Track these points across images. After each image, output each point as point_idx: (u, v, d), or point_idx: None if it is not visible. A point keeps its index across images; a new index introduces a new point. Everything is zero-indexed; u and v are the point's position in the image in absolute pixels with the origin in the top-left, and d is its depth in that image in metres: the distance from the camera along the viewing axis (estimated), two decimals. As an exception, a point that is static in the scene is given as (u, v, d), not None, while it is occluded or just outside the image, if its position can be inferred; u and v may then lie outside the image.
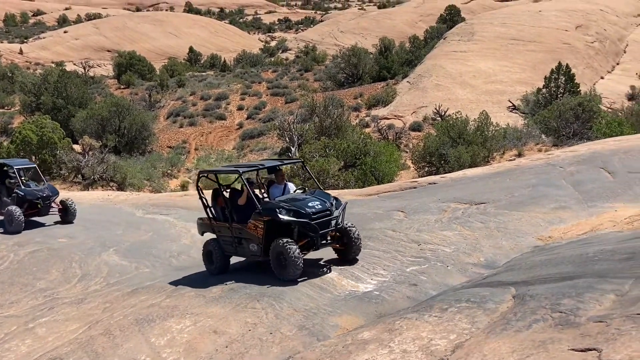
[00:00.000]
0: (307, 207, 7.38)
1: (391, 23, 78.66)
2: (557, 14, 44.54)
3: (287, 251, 7.04)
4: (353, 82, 44.33)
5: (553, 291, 4.30)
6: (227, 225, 8.00)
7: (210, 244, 8.28)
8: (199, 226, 8.79)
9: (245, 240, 7.74)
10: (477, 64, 36.81)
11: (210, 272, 8.21)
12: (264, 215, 7.41)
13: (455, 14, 62.35)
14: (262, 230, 7.41)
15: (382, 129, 29.02)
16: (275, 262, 7.23)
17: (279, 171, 8.57)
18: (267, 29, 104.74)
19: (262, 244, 7.41)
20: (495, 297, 4.76)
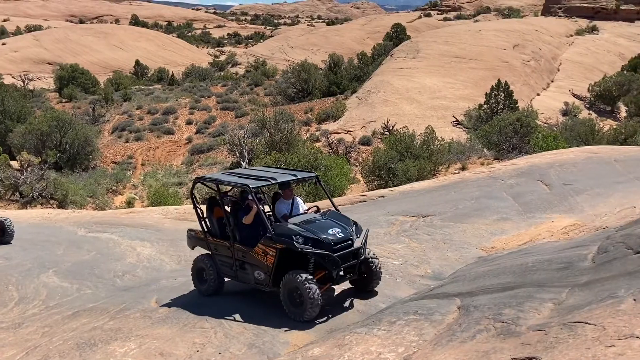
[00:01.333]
0: (327, 234, 6.42)
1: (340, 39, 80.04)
2: (496, 33, 46.69)
3: (305, 289, 6.09)
4: (303, 97, 44.64)
5: (495, 301, 4.45)
6: (226, 244, 7.02)
7: (202, 260, 7.34)
8: (189, 239, 7.77)
9: (250, 266, 6.77)
10: (423, 81, 37.94)
11: (201, 292, 7.37)
12: (277, 243, 6.39)
13: (401, 32, 64.13)
14: (273, 259, 6.44)
15: (332, 143, 29.31)
16: (287, 298, 6.32)
17: (288, 185, 7.39)
18: (216, 43, 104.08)
19: (272, 273, 6.49)
20: (442, 308, 4.87)
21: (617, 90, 38.01)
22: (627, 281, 3.73)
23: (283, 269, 6.44)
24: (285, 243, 6.35)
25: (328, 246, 6.32)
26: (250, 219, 6.96)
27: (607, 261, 4.52)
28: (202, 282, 7.38)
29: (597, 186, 10.65)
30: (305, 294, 6.11)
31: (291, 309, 6.31)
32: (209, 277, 7.25)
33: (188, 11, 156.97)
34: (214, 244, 7.27)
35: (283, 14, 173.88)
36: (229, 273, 7.13)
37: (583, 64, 47.89)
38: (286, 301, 6.36)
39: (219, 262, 7.18)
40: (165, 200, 19.93)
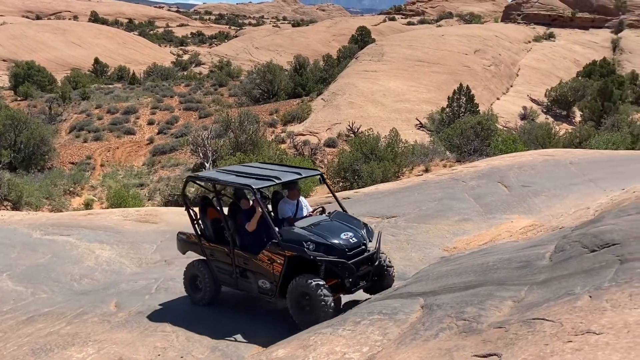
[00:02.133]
0: (340, 239, 5.95)
1: (305, 41, 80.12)
2: (458, 38, 47.70)
3: (317, 295, 5.58)
4: (268, 98, 44.46)
5: (458, 300, 4.52)
6: (225, 250, 6.44)
7: (196, 267, 6.77)
8: (179, 243, 7.14)
9: (253, 274, 6.20)
10: (387, 84, 38.37)
11: (195, 301, 6.80)
12: (286, 249, 5.86)
13: (366, 35, 64.72)
14: (280, 267, 5.90)
15: (297, 144, 29.28)
16: (295, 304, 5.82)
17: (292, 184, 6.75)
18: (179, 42, 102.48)
19: (279, 283, 5.96)
20: (405, 308, 4.92)
21: (572, 96, 39.41)
22: (583, 279, 3.86)
23: (290, 277, 5.95)
24: (295, 250, 5.82)
25: (342, 252, 5.85)
26: (253, 225, 6.33)
27: (563, 260, 4.66)
28: (196, 290, 6.80)
29: (553, 188, 11.00)
30: (317, 301, 5.59)
31: (300, 317, 5.79)
32: (204, 285, 6.65)
33: (150, 9, 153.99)
34: (209, 249, 6.63)
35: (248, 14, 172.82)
36: (228, 281, 6.53)
37: (540, 70, 49.45)
38: (295, 308, 5.84)
39: (216, 269, 6.58)
40: (126, 201, 19.46)
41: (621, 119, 29.10)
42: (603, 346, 2.65)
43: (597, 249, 4.28)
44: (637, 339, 2.60)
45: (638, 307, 2.97)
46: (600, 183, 11.04)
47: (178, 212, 13.27)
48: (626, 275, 3.50)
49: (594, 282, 3.63)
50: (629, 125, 27.63)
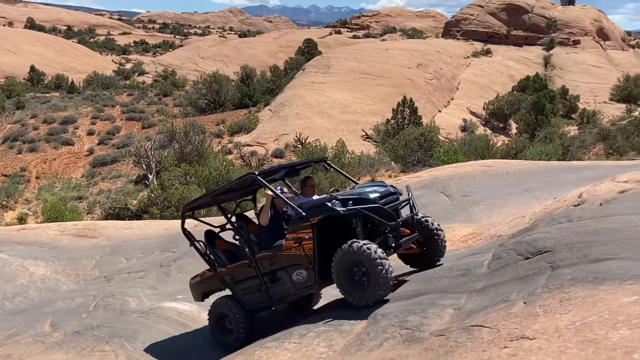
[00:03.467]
0: (367, 192, 5.27)
1: (252, 52, 79.91)
2: (401, 52, 49.02)
3: (368, 258, 4.72)
4: (215, 109, 43.93)
5: (401, 309, 4.61)
6: (245, 262, 5.73)
7: (221, 304, 5.94)
8: (195, 289, 6.35)
9: (284, 271, 5.44)
10: (334, 95, 38.83)
11: (228, 345, 5.78)
12: (311, 218, 5.10)
13: (312, 47, 65.33)
14: (311, 243, 5.12)
15: (245, 155, 29.06)
16: (345, 281, 4.96)
17: (308, 179, 6.12)
18: (121, 51, 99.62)
19: (315, 262, 5.17)
20: (351, 318, 4.96)
21: (508, 109, 41.30)
22: (519, 285, 4.03)
23: (327, 255, 5.11)
24: (321, 212, 5.09)
25: (373, 202, 5.12)
26: (266, 216, 5.61)
27: (500, 267, 4.86)
28: (227, 332, 5.91)
29: (492, 197, 11.43)
30: (373, 267, 4.73)
31: (352, 292, 4.95)
32: (235, 321, 5.80)
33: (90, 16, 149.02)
34: (228, 274, 5.90)
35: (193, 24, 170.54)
36: (259, 300, 5.74)
37: (479, 84, 51.55)
38: (346, 285, 4.98)
39: (243, 293, 5.80)
40: (63, 215, 18.61)
41: (553, 132, 30.74)
42: (536, 351, 2.77)
43: (530, 256, 4.48)
44: (567, 343, 2.74)
45: (568, 312, 3.13)
46: (535, 192, 11.58)
47: (119, 226, 12.83)
48: (557, 281, 3.69)
49: (528, 289, 3.80)
50: (560, 137, 29.22)
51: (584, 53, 63.56)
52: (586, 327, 2.81)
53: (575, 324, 2.91)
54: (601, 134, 31.71)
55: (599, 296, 3.18)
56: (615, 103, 52.05)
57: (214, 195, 6.22)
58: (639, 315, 2.78)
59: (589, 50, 64.67)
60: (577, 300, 3.24)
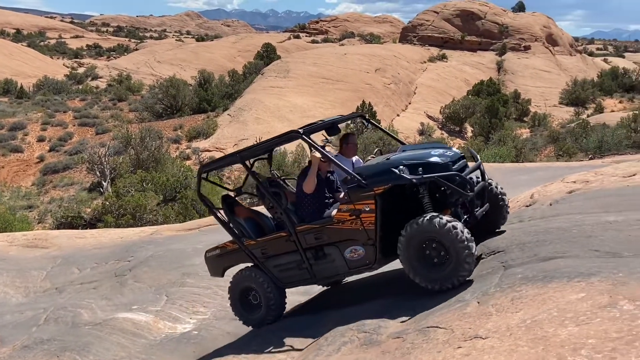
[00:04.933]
0: (435, 155, 4.52)
1: (210, 56, 79.01)
2: (360, 57, 49.55)
3: (450, 236, 4.05)
4: (172, 114, 43.15)
5: (360, 312, 4.62)
6: (282, 235, 5.00)
7: (245, 276, 5.28)
8: (213, 263, 5.67)
9: (334, 248, 4.73)
10: (293, 100, 38.85)
11: (254, 323, 5.30)
12: (374, 187, 4.38)
13: (271, 52, 65.18)
14: (373, 216, 4.41)
15: (203, 161, 28.66)
16: (416, 261, 4.26)
17: (350, 136, 5.52)
18: (73, 55, 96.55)
19: (377, 239, 4.48)
20: (312, 324, 4.94)
21: (464, 113, 42.37)
22: (473, 285, 4.11)
23: (389, 229, 4.50)
24: (388, 181, 4.35)
25: (446, 168, 4.39)
26: (312, 181, 4.87)
27: (456, 268, 4.94)
28: (252, 308, 5.28)
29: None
30: (457, 249, 4.05)
31: (424, 274, 4.25)
32: (263, 297, 5.14)
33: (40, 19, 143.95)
34: (259, 247, 5.14)
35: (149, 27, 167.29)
36: (298, 278, 5.06)
37: (435, 88, 52.67)
38: (416, 266, 4.27)
39: (277, 271, 5.10)
40: (12, 225, 17.83)
41: (506, 134, 31.71)
42: (489, 350, 2.83)
43: (485, 256, 4.59)
44: (519, 341, 2.80)
45: (519, 310, 3.21)
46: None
47: (72, 235, 12.40)
48: (509, 280, 3.78)
49: (482, 288, 3.88)
50: (513, 139, 30.17)
51: (535, 58, 65.93)
52: (536, 325, 2.89)
53: (526, 322, 2.98)
54: (552, 137, 32.93)
55: (548, 294, 3.28)
56: (564, 106, 54.17)
57: (242, 153, 5.34)
58: (586, 312, 2.87)
59: (539, 55, 67.13)
60: (528, 298, 3.33)
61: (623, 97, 57.46)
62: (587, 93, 55.39)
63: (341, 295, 5.79)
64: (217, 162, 5.91)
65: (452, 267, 4.14)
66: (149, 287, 8.01)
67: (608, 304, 2.86)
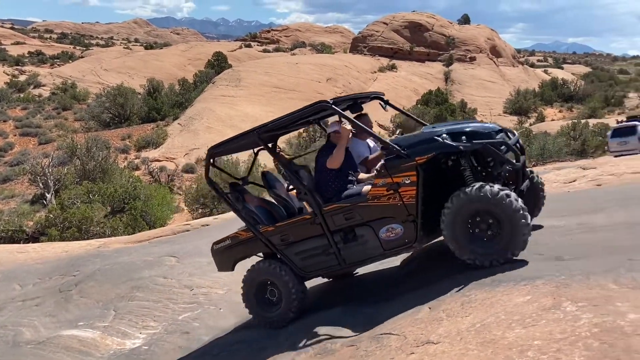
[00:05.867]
0: (478, 127, 4.27)
1: (159, 64, 77.50)
2: (311, 67, 49.92)
3: (508, 207, 3.74)
4: (120, 123, 42.02)
5: (316, 321, 4.61)
6: (305, 219, 4.59)
7: (264, 269, 4.85)
8: (223, 256, 5.20)
9: (367, 228, 4.34)
10: (245, 109, 38.64)
11: (272, 321, 4.82)
12: (416, 157, 4.05)
13: (222, 60, 64.64)
14: (414, 189, 4.06)
15: (153, 171, 28.00)
16: (465, 234, 3.93)
17: (364, 117, 5.02)
18: (14, 62, 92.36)
19: (418, 213, 4.11)
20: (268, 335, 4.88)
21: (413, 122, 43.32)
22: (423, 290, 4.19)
23: (430, 203, 4.16)
24: (429, 150, 4.03)
25: (489, 136, 4.13)
26: (339, 156, 4.52)
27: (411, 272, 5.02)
28: (269, 305, 4.83)
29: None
30: (513, 219, 3.74)
31: (472, 248, 3.93)
32: (285, 291, 4.68)
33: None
34: (278, 232, 4.70)
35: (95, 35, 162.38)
36: (324, 266, 4.64)
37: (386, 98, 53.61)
38: (460, 238, 3.95)
39: (300, 259, 4.65)
40: (-55, 242, 16.79)
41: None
42: (440, 354, 2.89)
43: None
44: (469, 345, 2.87)
45: (469, 314, 3.29)
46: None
47: (12, 250, 11.80)
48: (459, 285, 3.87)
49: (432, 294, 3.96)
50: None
51: (480, 69, 68.41)
52: (485, 329, 2.97)
53: (475, 326, 3.06)
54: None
55: (496, 298, 3.38)
56: (508, 115, 56.40)
57: (260, 130, 4.81)
58: (532, 314, 2.98)
59: (484, 66, 69.70)
60: (477, 302, 3.43)
61: (562, 107, 60.45)
62: (529, 103, 57.92)
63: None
64: (229, 142, 5.18)
65: (507, 240, 3.82)
66: (96, 302, 7.71)
67: (552, 306, 2.98)
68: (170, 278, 8.41)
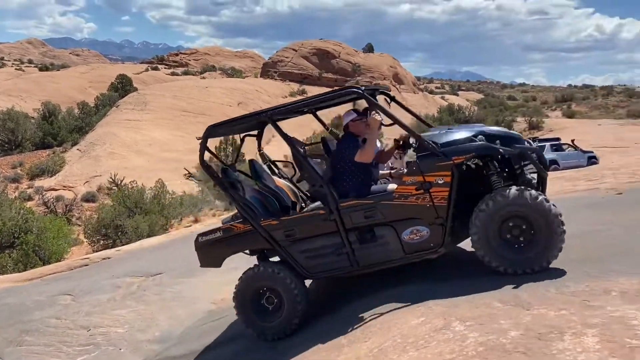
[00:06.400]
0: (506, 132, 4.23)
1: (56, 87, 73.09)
2: (222, 91, 49.57)
3: (546, 211, 3.69)
4: (11, 150, 38.91)
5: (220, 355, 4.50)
6: (319, 214, 4.20)
7: (262, 273, 4.42)
8: (208, 250, 4.71)
9: (389, 228, 4.06)
10: (152, 133, 37.37)
11: (270, 333, 4.36)
12: (453, 156, 3.87)
13: (127, 83, 62.29)
14: (446, 190, 3.88)
15: (48, 201, 26.08)
16: (497, 240, 3.79)
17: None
18: None
19: (448, 216, 3.93)
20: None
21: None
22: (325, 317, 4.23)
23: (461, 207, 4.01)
24: (470, 150, 3.88)
25: (522, 141, 4.11)
26: (370, 149, 4.22)
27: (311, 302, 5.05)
28: (266, 315, 4.41)
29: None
30: (550, 224, 3.67)
31: (510, 257, 3.76)
32: (288, 295, 4.26)
33: None
34: (283, 226, 4.28)
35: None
36: (332, 265, 4.24)
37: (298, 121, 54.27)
38: (495, 245, 3.79)
39: (305, 257, 4.27)
40: None
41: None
42: (339, 382, 2.92)
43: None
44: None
45: (368, 339, 3.38)
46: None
47: None
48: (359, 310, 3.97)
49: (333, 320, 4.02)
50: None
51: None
52: (382, 353, 3.06)
53: (373, 351, 3.15)
54: (402, 167, 35.76)
55: (393, 321, 3.50)
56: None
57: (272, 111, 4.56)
58: (424, 336, 3.11)
59: (388, 92, 73.07)
60: (376, 327, 3.53)
61: (460, 130, 64.67)
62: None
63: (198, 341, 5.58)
64: (231, 122, 4.84)
65: (543, 245, 3.71)
66: (-23, 350, 6.98)
67: (443, 327, 3.13)
68: (64, 319, 7.82)
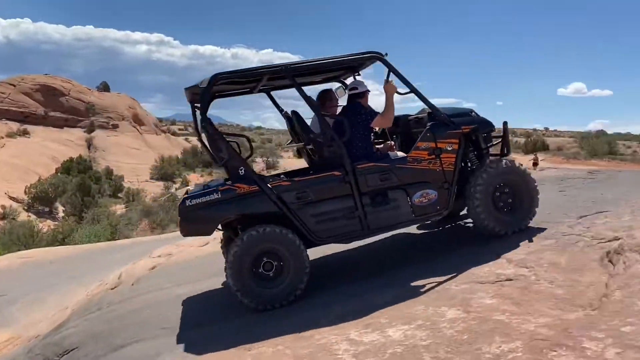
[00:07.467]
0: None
1: None
2: None
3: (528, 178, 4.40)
4: None
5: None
6: (333, 175, 4.09)
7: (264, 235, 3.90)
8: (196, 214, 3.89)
9: (401, 192, 4.20)
10: None
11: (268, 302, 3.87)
12: (462, 126, 4.37)
13: None
14: (454, 157, 4.31)
15: None
16: (488, 203, 4.30)
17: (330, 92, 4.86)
18: None
19: (453, 180, 4.29)
20: None
21: (53, 192, 39.43)
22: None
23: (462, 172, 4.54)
24: (474, 122, 4.50)
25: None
26: (390, 113, 4.37)
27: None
28: (267, 282, 3.98)
29: (33, 291, 10.40)
30: (531, 189, 4.39)
31: (498, 218, 4.34)
32: (293, 260, 3.94)
33: None
34: (296, 188, 4.06)
35: None
36: (342, 229, 4.15)
37: (18, 166, 47.42)
38: (487, 209, 4.32)
39: (316, 221, 4.07)
40: None
41: (101, 212, 31.11)
42: None
43: (57, 358, 4.23)
44: None
45: None
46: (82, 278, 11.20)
47: None
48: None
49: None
50: (107, 216, 29.80)
51: (124, 136, 68.18)
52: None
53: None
54: (145, 211, 34.17)
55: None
56: (155, 181, 57.54)
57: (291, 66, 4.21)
58: None
59: (127, 133, 69.78)
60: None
61: (204, 171, 65.65)
62: (173, 168, 60.64)
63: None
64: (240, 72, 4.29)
65: (526, 210, 4.44)
66: None
67: None
68: None
